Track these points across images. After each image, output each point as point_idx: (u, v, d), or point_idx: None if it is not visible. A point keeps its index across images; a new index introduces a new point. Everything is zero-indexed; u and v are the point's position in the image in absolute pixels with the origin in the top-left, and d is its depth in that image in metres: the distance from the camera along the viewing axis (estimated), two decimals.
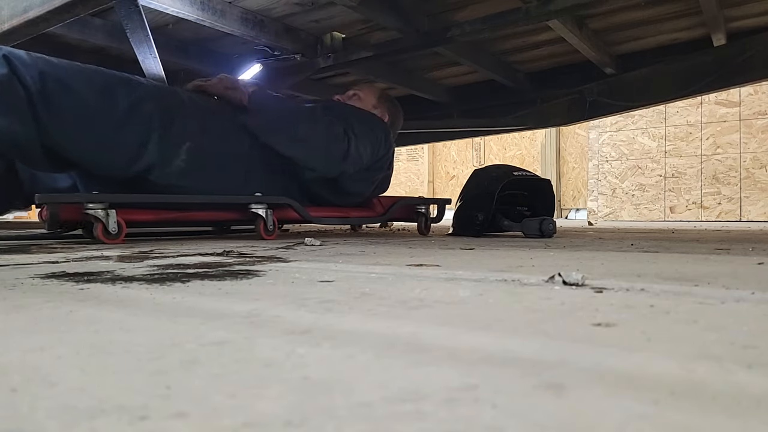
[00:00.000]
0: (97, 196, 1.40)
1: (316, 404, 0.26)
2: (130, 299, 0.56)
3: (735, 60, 2.06)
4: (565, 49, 2.20)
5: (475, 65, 2.24)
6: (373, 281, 0.68)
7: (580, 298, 0.55)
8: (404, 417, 0.24)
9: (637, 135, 4.69)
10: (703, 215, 4.40)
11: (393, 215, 2.03)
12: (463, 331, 0.41)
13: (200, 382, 0.29)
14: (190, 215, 1.67)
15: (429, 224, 2.08)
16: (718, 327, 0.42)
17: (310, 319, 0.45)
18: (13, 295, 0.58)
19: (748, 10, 1.88)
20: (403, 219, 2.15)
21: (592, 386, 0.28)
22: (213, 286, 0.65)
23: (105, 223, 1.38)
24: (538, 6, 1.70)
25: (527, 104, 2.63)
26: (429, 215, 2.09)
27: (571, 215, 6.00)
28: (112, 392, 0.28)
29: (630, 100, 2.37)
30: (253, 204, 1.65)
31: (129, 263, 0.92)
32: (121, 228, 1.42)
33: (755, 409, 0.25)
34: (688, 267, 0.82)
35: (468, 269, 0.80)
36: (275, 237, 1.66)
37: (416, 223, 2.08)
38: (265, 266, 0.86)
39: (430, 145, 7.00)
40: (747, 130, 4.23)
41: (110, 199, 1.41)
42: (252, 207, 1.65)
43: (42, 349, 0.36)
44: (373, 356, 0.34)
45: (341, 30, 2.05)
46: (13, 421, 0.24)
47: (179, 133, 1.55)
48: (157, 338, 0.39)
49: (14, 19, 1.56)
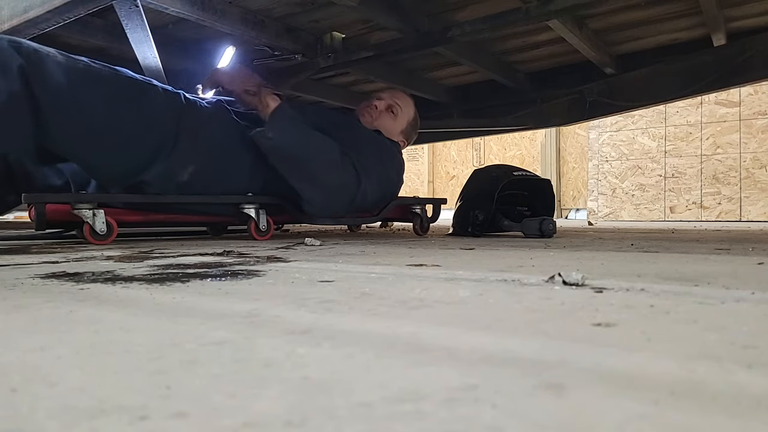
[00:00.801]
0: (84, 196, 1.38)
1: (316, 404, 0.26)
2: (130, 299, 0.56)
3: (735, 60, 2.06)
4: (565, 49, 2.20)
5: (475, 65, 2.24)
6: (373, 281, 0.68)
7: (580, 298, 0.55)
8: (404, 417, 0.24)
9: (637, 135, 4.69)
10: (703, 215, 4.40)
11: (387, 215, 1.97)
12: (463, 331, 0.41)
13: (200, 382, 0.29)
14: (182, 217, 1.62)
15: (426, 225, 2.03)
16: (718, 327, 0.42)
17: (310, 319, 0.45)
18: (13, 295, 0.58)
19: (748, 10, 1.88)
20: (397, 219, 2.10)
21: (592, 386, 0.28)
22: (213, 286, 0.65)
23: (92, 223, 1.36)
24: (538, 6, 1.70)
25: (527, 104, 2.63)
26: (425, 215, 2.04)
27: (571, 215, 6.00)
28: (112, 392, 0.28)
29: (630, 100, 2.37)
30: (244, 204, 1.61)
31: (129, 263, 0.92)
32: (111, 228, 1.39)
33: (755, 409, 0.25)
34: (688, 267, 0.82)
35: (468, 269, 0.80)
36: (269, 238, 1.62)
37: (412, 224, 2.03)
38: (265, 266, 0.86)
39: (430, 145, 7.00)
40: (747, 130, 4.23)
41: (97, 199, 1.39)
42: (243, 207, 1.61)
43: (42, 349, 0.36)
44: (373, 356, 0.34)
45: (341, 30, 2.05)
46: (13, 421, 0.24)
47: (187, 152, 1.51)
48: (157, 338, 0.39)
49: (14, 19, 1.56)
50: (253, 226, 1.60)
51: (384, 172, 1.79)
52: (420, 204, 2.03)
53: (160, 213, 1.57)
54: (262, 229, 1.61)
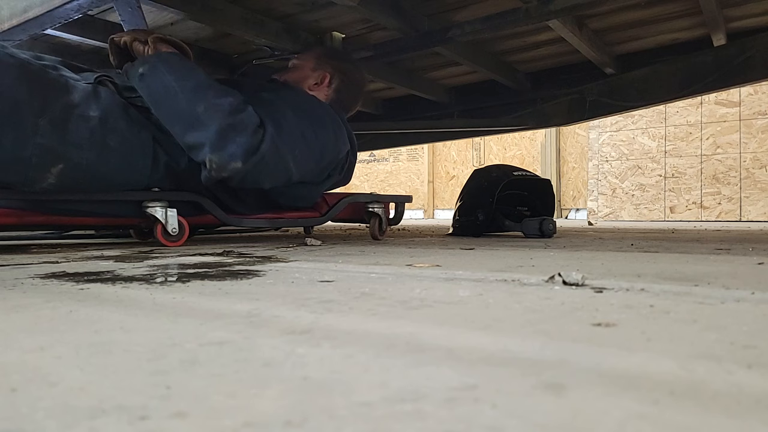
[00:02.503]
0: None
1: (316, 404, 0.26)
2: (130, 299, 0.56)
3: (735, 60, 2.06)
4: (565, 49, 2.20)
5: (475, 65, 2.24)
6: (373, 281, 0.68)
7: (580, 298, 0.55)
8: (404, 417, 0.24)
9: (637, 135, 4.69)
10: (703, 215, 4.40)
11: (336, 215, 1.70)
12: (463, 331, 0.41)
13: (200, 382, 0.29)
14: (68, 219, 1.34)
15: (384, 227, 1.72)
16: (718, 327, 0.42)
17: (310, 319, 0.45)
18: (13, 295, 0.58)
19: (748, 10, 1.88)
20: (350, 219, 1.85)
21: (592, 386, 0.28)
22: (213, 286, 0.65)
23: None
24: (538, 6, 1.70)
25: (527, 104, 2.63)
26: (386, 216, 1.74)
27: (571, 215, 6.00)
28: (112, 392, 0.28)
29: (630, 100, 2.36)
30: (148, 202, 1.32)
31: (129, 263, 0.92)
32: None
33: (755, 409, 0.25)
34: (688, 267, 0.82)
35: (468, 269, 0.80)
36: (182, 243, 1.35)
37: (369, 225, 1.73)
38: (265, 266, 0.86)
39: (430, 145, 7.00)
40: (747, 130, 4.23)
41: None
42: (147, 206, 1.32)
43: (42, 349, 0.36)
44: (373, 356, 0.34)
45: (341, 30, 2.05)
46: (13, 421, 0.24)
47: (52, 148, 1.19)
48: (157, 338, 0.39)
49: (14, 19, 1.56)
50: (159, 229, 1.32)
51: (310, 127, 1.46)
52: (380, 202, 1.74)
53: (38, 214, 1.29)
54: (172, 232, 1.32)
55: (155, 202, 1.32)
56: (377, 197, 1.73)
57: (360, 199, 1.70)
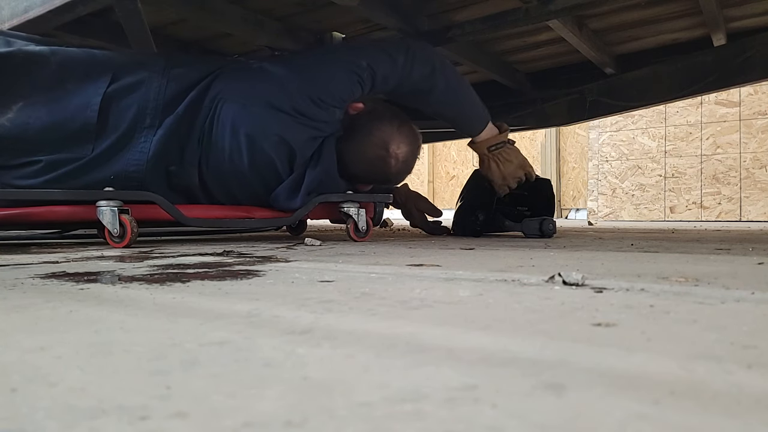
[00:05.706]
0: None
1: (316, 404, 0.26)
2: (130, 299, 0.56)
3: (735, 60, 2.06)
4: (565, 49, 2.20)
5: (475, 65, 2.24)
6: (373, 281, 0.68)
7: (580, 298, 0.55)
8: (404, 417, 0.24)
9: (637, 135, 4.69)
10: (703, 215, 4.40)
11: (306, 215, 1.61)
12: (463, 331, 0.41)
13: (200, 382, 0.29)
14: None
15: (365, 228, 1.62)
16: (718, 327, 0.42)
17: (310, 319, 0.45)
18: (13, 295, 0.58)
19: (748, 10, 1.88)
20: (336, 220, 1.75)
21: (592, 386, 0.28)
22: (213, 286, 0.65)
23: None
24: (538, 6, 1.70)
25: (527, 104, 2.63)
26: (367, 216, 1.65)
27: (571, 215, 6.00)
28: (112, 392, 0.28)
29: (630, 100, 2.36)
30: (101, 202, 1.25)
31: (129, 263, 0.92)
32: None
33: (755, 409, 0.25)
34: (688, 267, 0.82)
35: (468, 269, 0.80)
36: (126, 243, 1.25)
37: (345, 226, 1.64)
38: (265, 266, 0.86)
39: (430, 145, 7.00)
40: (747, 130, 4.23)
41: None
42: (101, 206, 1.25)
43: (42, 349, 0.36)
44: (373, 356, 0.34)
45: (341, 30, 2.05)
46: (13, 421, 0.24)
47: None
48: (157, 338, 0.39)
49: (14, 19, 1.56)
50: (106, 231, 1.25)
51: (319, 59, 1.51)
52: (354, 202, 1.63)
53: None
54: (117, 233, 1.25)
55: (106, 201, 1.25)
56: (351, 197, 1.63)
57: (332, 199, 1.60)
